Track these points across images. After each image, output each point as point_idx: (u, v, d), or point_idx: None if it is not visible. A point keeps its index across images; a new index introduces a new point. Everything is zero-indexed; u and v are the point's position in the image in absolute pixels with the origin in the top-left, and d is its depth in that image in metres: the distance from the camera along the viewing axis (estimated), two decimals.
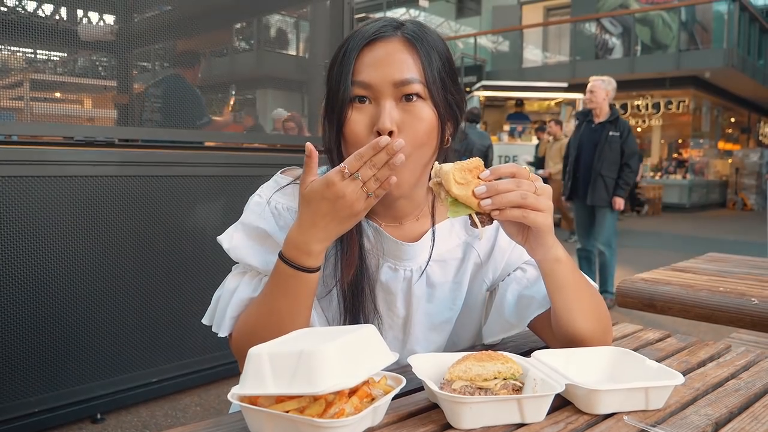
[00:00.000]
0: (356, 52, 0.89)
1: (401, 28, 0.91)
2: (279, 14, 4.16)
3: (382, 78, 0.87)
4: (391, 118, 0.87)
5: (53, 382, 2.40)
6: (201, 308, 1.01)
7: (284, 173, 1.00)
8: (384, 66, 0.88)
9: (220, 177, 2.91)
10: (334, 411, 0.64)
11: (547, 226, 0.82)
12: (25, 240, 2.31)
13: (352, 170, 0.78)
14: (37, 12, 2.80)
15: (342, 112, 0.89)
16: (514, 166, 0.81)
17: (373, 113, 0.88)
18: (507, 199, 0.78)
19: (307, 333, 0.76)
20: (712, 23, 14.93)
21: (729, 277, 1.76)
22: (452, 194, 0.78)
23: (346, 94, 0.88)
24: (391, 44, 0.90)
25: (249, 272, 0.95)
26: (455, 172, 0.78)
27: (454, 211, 0.80)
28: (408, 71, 0.88)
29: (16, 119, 2.58)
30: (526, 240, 0.86)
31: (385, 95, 0.88)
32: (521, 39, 16.39)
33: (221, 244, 0.95)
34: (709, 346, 1.05)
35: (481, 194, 0.78)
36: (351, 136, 0.89)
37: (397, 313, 1.00)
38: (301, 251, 0.83)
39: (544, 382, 0.73)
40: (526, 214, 0.79)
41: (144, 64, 3.40)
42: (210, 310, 0.98)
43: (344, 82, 0.88)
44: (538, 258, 0.86)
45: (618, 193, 4.68)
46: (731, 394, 0.82)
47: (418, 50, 0.90)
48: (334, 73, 0.91)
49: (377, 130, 0.87)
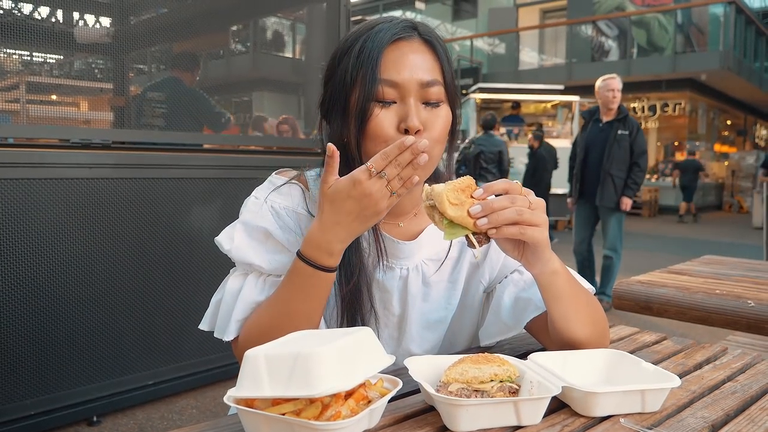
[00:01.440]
0: (381, 50, 0.89)
1: (416, 27, 0.93)
2: (275, 17, 4.16)
3: (409, 78, 0.89)
4: (419, 117, 0.89)
5: (50, 384, 2.40)
6: (197, 310, 1.00)
7: (279, 174, 1.00)
8: (411, 67, 0.90)
9: (216, 179, 2.91)
10: (331, 414, 0.64)
11: (544, 240, 0.82)
12: (21, 243, 2.30)
13: (378, 169, 0.78)
14: (33, 14, 2.79)
15: (366, 109, 0.89)
16: (506, 182, 0.81)
17: (399, 111, 0.90)
18: (503, 217, 0.78)
19: (303, 335, 0.76)
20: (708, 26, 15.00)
21: (725, 279, 1.76)
22: (447, 216, 0.77)
23: (372, 92, 0.88)
24: (414, 45, 0.91)
25: (252, 273, 0.93)
26: (448, 193, 0.77)
27: (451, 233, 0.78)
28: (432, 73, 0.91)
29: (12, 122, 2.58)
30: (522, 255, 0.85)
31: (410, 94, 0.89)
32: (517, 41, 16.43)
33: (220, 246, 0.94)
34: (705, 348, 1.05)
35: (477, 214, 0.77)
36: (377, 133, 0.89)
37: (393, 312, 1.00)
38: (322, 250, 0.83)
39: (540, 384, 0.73)
40: (523, 231, 0.79)
41: (140, 67, 3.39)
42: (209, 314, 0.96)
43: (369, 79, 0.88)
44: (536, 272, 0.86)
45: (626, 193, 4.58)
46: (728, 396, 0.82)
47: (437, 52, 0.92)
48: (348, 69, 0.90)
49: (406, 128, 0.88)
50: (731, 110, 19.16)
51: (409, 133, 0.88)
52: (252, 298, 0.91)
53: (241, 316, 0.91)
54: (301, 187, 0.98)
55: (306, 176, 1.01)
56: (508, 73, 15.56)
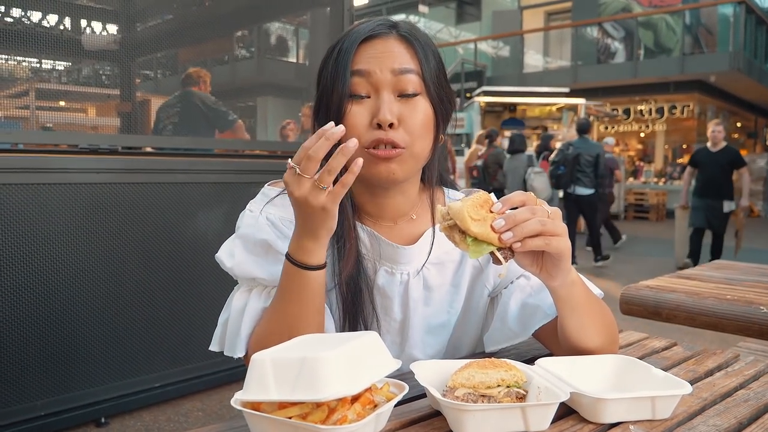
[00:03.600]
0: (354, 48, 0.89)
1: (396, 26, 0.92)
2: (279, 22, 4.18)
3: (380, 66, 0.87)
4: (390, 110, 0.87)
5: (59, 386, 2.42)
6: (204, 313, 1.00)
7: (271, 186, 1.00)
8: (382, 57, 0.88)
9: (222, 184, 2.92)
10: (337, 418, 0.64)
11: (567, 249, 0.80)
12: (30, 247, 2.32)
13: (296, 162, 0.76)
14: (41, 22, 2.82)
15: (341, 106, 0.88)
16: (523, 194, 0.80)
17: (372, 107, 0.88)
18: (528, 229, 0.76)
19: (310, 339, 0.76)
20: (717, 26, 14.84)
21: (736, 284, 1.74)
22: (471, 233, 0.74)
23: (345, 89, 0.87)
24: (389, 40, 0.90)
25: (255, 288, 0.93)
26: (469, 209, 0.75)
27: (476, 251, 0.75)
28: (406, 62, 0.89)
29: (22, 128, 2.60)
30: (542, 268, 0.83)
31: (384, 86, 0.88)
32: (522, 44, 16.38)
33: (221, 263, 0.92)
34: (716, 355, 1.04)
35: (501, 228, 0.75)
36: (350, 130, 0.87)
37: (394, 317, 0.99)
38: (300, 247, 0.82)
39: (548, 390, 0.72)
40: (548, 242, 0.77)
41: (147, 73, 3.42)
42: (218, 335, 0.95)
43: (342, 75, 0.87)
44: (557, 284, 0.83)
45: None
46: (740, 404, 0.81)
47: (414, 46, 0.91)
48: (329, 70, 0.90)
49: (377, 122, 0.87)
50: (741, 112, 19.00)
51: (381, 129, 0.86)
52: (257, 311, 0.91)
53: (249, 331, 0.90)
54: None
55: None
56: (513, 76, 15.51)
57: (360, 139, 0.84)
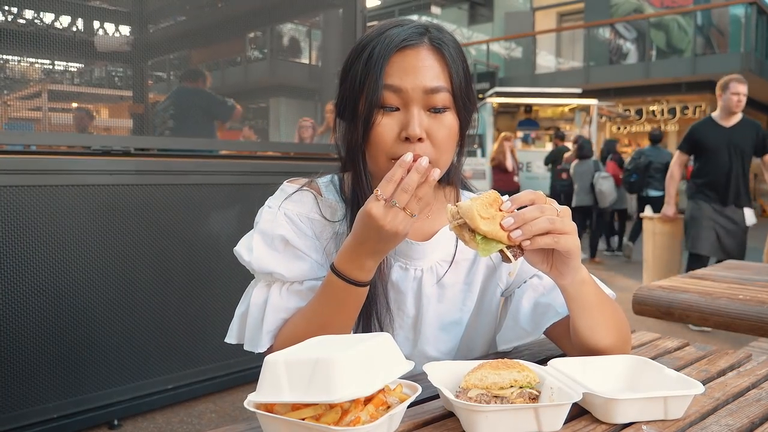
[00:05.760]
0: (387, 58, 0.88)
1: (427, 32, 0.91)
2: (292, 23, 4.20)
3: (413, 85, 0.88)
4: (420, 125, 0.87)
5: (71, 388, 2.43)
6: (217, 315, 1.01)
7: (290, 182, 1.01)
8: (415, 73, 0.88)
9: (235, 185, 2.93)
10: (350, 419, 0.64)
11: (577, 247, 0.80)
12: (43, 248, 2.34)
13: (386, 195, 0.78)
14: (54, 24, 2.85)
15: (370, 116, 0.89)
16: (532, 193, 0.80)
17: (401, 120, 0.89)
18: (537, 227, 0.77)
19: (323, 341, 0.76)
20: (728, 27, 14.75)
21: (749, 284, 1.73)
22: (481, 231, 0.76)
23: (376, 99, 0.88)
24: (421, 51, 0.90)
25: (275, 283, 0.94)
26: (479, 208, 0.76)
27: (485, 249, 0.77)
28: (438, 80, 0.89)
29: (35, 129, 2.63)
30: (552, 266, 0.83)
31: (415, 102, 0.88)
32: (534, 45, 16.34)
33: (240, 257, 0.94)
34: (729, 355, 1.03)
35: (510, 226, 0.76)
36: (377, 140, 0.88)
37: (407, 313, 1.00)
38: (354, 265, 0.83)
39: (560, 390, 0.72)
40: (557, 240, 0.78)
41: (159, 74, 3.44)
42: (235, 327, 0.96)
43: (374, 86, 0.88)
44: (566, 282, 0.84)
45: None
46: (753, 404, 0.81)
47: (445, 58, 0.90)
48: (358, 73, 0.90)
49: (406, 136, 0.87)
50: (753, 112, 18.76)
51: (410, 142, 0.87)
52: (280, 307, 0.92)
53: (271, 327, 0.91)
54: (313, 193, 0.99)
55: (318, 183, 1.01)
56: (525, 77, 15.47)
57: (388, 150, 0.87)
